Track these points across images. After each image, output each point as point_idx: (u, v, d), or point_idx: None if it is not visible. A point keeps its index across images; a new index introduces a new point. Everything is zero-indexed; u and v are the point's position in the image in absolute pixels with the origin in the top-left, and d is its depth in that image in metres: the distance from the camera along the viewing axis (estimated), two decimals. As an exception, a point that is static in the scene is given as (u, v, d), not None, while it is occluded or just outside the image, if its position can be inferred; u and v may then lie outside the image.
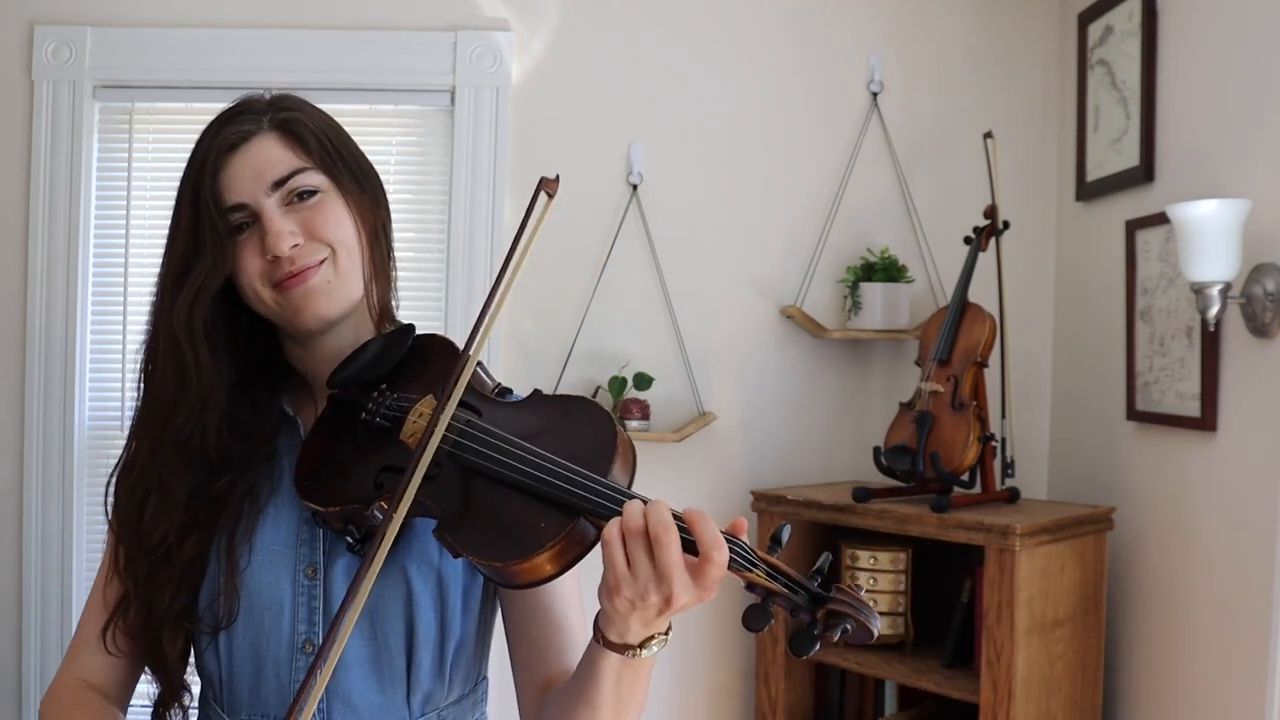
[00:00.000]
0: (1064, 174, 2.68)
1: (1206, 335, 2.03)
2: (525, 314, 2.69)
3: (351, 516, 1.09)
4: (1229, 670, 1.98)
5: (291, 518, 1.16)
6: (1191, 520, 2.11)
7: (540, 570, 0.99)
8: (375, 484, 1.08)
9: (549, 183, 1.06)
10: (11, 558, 2.66)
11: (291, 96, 1.21)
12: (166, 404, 1.14)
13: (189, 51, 2.64)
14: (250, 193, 1.12)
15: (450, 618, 1.15)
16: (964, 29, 2.72)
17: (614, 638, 0.99)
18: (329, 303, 1.15)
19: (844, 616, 0.93)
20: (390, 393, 1.14)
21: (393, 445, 1.10)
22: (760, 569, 0.94)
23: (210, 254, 1.12)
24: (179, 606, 1.12)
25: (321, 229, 1.14)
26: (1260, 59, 1.94)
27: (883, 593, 2.36)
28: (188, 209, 1.13)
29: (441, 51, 2.65)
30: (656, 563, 0.92)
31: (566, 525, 0.98)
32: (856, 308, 2.60)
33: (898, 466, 2.31)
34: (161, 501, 1.13)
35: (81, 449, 2.67)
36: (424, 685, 1.15)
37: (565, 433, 1.06)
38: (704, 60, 2.70)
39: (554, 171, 2.91)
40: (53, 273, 2.64)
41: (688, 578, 0.92)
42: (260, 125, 1.15)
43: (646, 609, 0.94)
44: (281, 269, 1.12)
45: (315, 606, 1.13)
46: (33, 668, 2.65)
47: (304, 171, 1.15)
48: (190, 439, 1.14)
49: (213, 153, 1.13)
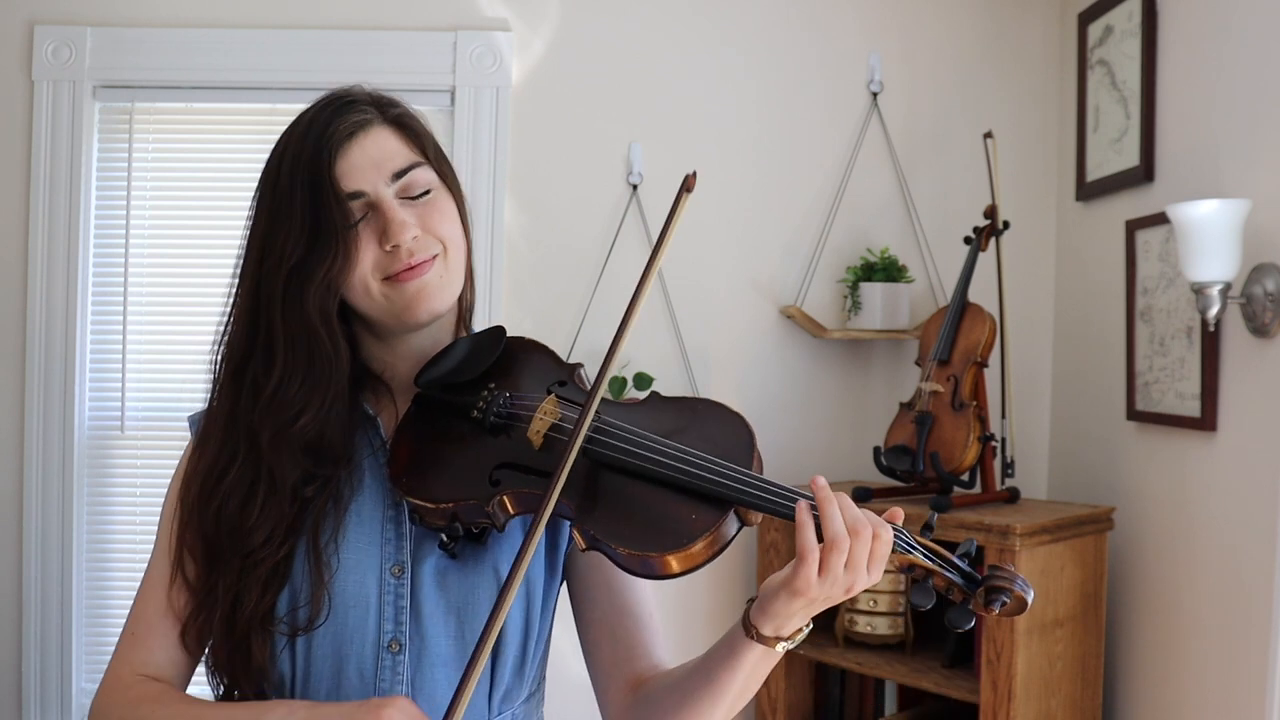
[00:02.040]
0: (1064, 174, 2.68)
1: (1206, 335, 2.03)
2: (525, 314, 2.69)
3: (461, 514, 1.09)
4: (1229, 670, 1.98)
5: (375, 516, 1.15)
6: (1191, 520, 2.11)
7: (693, 560, 1.01)
8: (492, 480, 1.08)
9: (690, 179, 1.08)
10: (11, 558, 2.66)
11: (388, 95, 1.20)
12: (295, 397, 1.10)
13: (189, 51, 2.64)
14: (371, 181, 1.11)
15: (534, 617, 1.17)
16: (964, 29, 2.72)
17: (769, 632, 1.01)
18: (442, 298, 1.14)
19: (1001, 590, 0.99)
20: (499, 391, 1.15)
21: (509, 444, 1.11)
22: (919, 551, 1.01)
23: (339, 243, 1.09)
24: (265, 608, 1.10)
25: (437, 225, 1.14)
26: (1260, 59, 1.94)
27: (882, 593, 2.36)
28: (303, 196, 1.09)
29: (441, 51, 2.65)
30: (851, 561, 0.97)
31: (720, 517, 1.01)
32: (856, 308, 2.60)
33: (898, 466, 2.31)
34: (271, 497, 1.10)
35: (81, 449, 2.67)
36: (505, 683, 1.16)
37: (699, 430, 1.09)
38: (704, 60, 2.70)
39: (558, 171, 2.89)
40: (53, 273, 2.64)
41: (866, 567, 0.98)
42: (375, 116, 1.14)
43: (825, 603, 0.99)
44: (399, 261, 1.11)
45: (402, 605, 1.12)
46: (33, 668, 2.65)
47: (421, 166, 1.14)
48: (318, 434, 1.11)
49: (330, 140, 1.10)
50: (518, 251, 2.68)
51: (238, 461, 1.11)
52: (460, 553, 1.12)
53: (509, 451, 1.10)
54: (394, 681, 1.11)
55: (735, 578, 2.67)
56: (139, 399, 2.71)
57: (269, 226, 1.12)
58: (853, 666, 2.37)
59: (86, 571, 2.69)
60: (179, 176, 2.71)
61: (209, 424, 1.15)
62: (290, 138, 1.14)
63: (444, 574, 1.13)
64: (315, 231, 1.09)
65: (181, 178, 2.71)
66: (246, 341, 1.13)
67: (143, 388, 2.71)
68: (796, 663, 2.51)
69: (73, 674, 2.66)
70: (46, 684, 2.65)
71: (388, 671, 1.11)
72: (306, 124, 1.13)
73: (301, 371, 1.11)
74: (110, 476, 2.71)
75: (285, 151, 1.13)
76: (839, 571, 0.96)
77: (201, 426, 1.17)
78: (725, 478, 1.02)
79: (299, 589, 1.11)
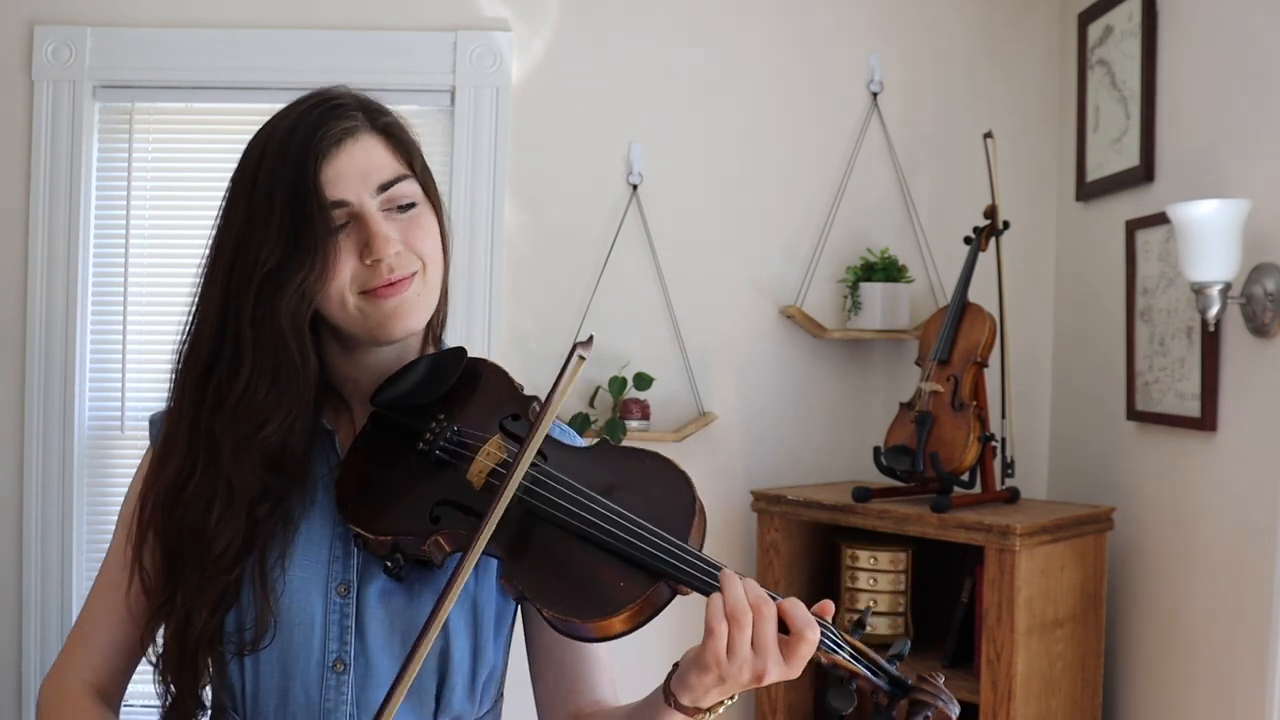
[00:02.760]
0: (1064, 174, 2.68)
1: (1206, 335, 2.03)
2: (525, 314, 2.69)
3: (401, 546, 1.07)
4: (1229, 670, 1.98)
5: (324, 534, 1.13)
6: (1191, 520, 2.11)
7: (613, 628, 0.99)
8: (431, 517, 1.07)
9: (583, 345, 1.06)
10: (11, 558, 2.66)
11: (375, 100, 1.16)
12: (260, 406, 1.07)
13: (189, 51, 2.64)
14: (356, 192, 1.08)
15: (483, 644, 1.14)
16: (964, 29, 2.72)
17: (687, 702, 1.00)
18: (418, 316, 1.12)
19: (926, 705, 0.96)
20: (448, 423, 1.12)
21: (451, 480, 1.09)
22: (845, 651, 0.98)
23: (318, 251, 1.05)
24: (213, 628, 1.08)
25: (419, 242, 1.11)
26: (1260, 59, 1.94)
27: (883, 593, 2.36)
28: (285, 200, 1.05)
29: (441, 51, 2.65)
30: (756, 642, 0.94)
31: (648, 588, 0.98)
32: (856, 308, 2.60)
33: (898, 466, 2.31)
34: (228, 510, 1.08)
35: (81, 449, 2.67)
36: (455, 709, 1.14)
37: (641, 489, 1.05)
38: (704, 60, 2.70)
39: (558, 171, 2.89)
40: (53, 273, 2.64)
41: (780, 655, 0.95)
42: (363, 124, 1.10)
43: (736, 683, 0.96)
44: (379, 276, 1.08)
45: (347, 625, 1.11)
46: (33, 668, 2.64)
47: (406, 179, 1.11)
48: (280, 446, 1.08)
49: (316, 145, 1.06)
50: (518, 251, 2.68)
51: (198, 472, 1.09)
52: (406, 576, 1.10)
53: (450, 488, 1.08)
54: (339, 701, 1.10)
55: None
56: (139, 399, 2.71)
57: (245, 229, 1.08)
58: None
59: (86, 571, 2.69)
60: (179, 176, 2.72)
61: (171, 428, 1.13)
62: (271, 138, 1.09)
63: (389, 595, 1.11)
64: (294, 238, 1.05)
65: (181, 178, 2.71)
66: (213, 346, 1.10)
67: (143, 388, 2.71)
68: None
69: (73, 674, 2.66)
70: (46, 684, 2.65)
71: (332, 691, 1.10)
72: (290, 126, 1.08)
73: (268, 381, 1.08)
74: (110, 476, 2.71)
75: (265, 151, 1.08)
76: (745, 652, 0.94)
77: (163, 431, 1.14)
78: (657, 549, 0.99)
79: (246, 608, 1.09)
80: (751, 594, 0.95)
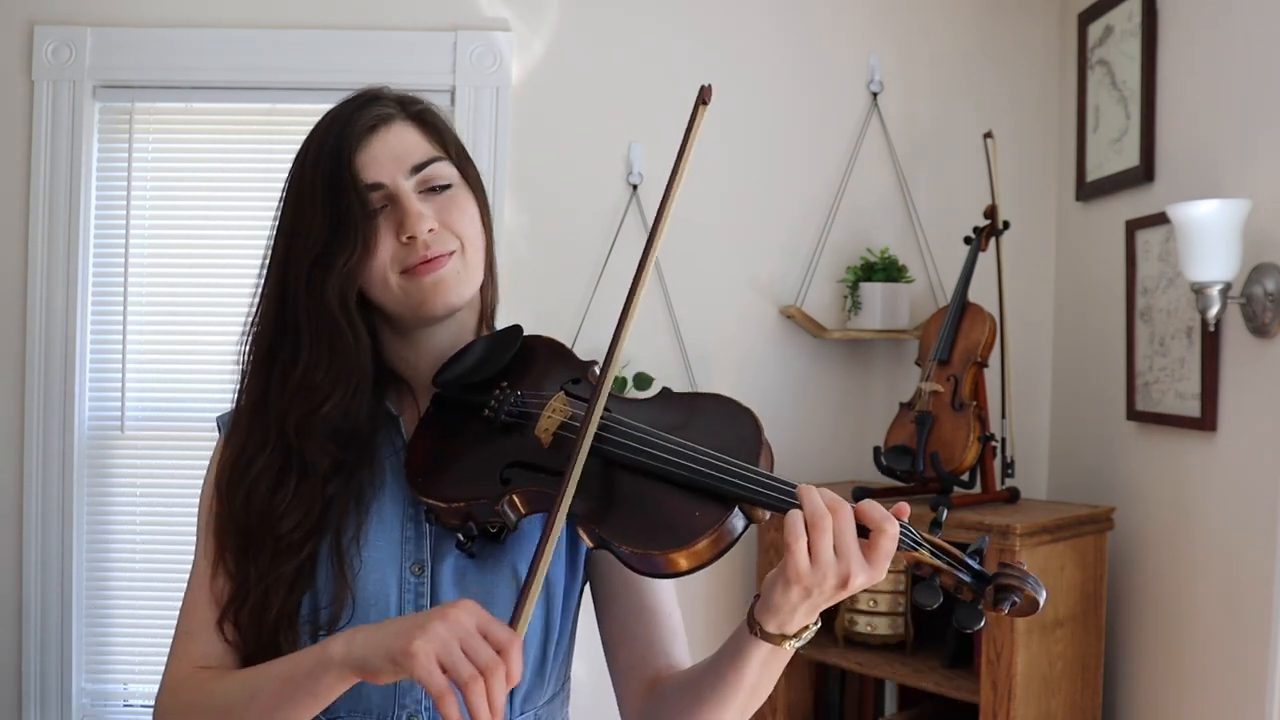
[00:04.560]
0: (1064, 174, 2.68)
1: (1206, 335, 2.03)
2: (525, 314, 2.68)
3: (474, 513, 1.09)
4: (1229, 670, 1.98)
5: (395, 514, 1.15)
6: (1191, 520, 2.11)
7: (698, 558, 1.00)
8: (502, 479, 1.09)
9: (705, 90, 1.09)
10: (11, 557, 2.66)
11: (416, 95, 1.22)
12: (319, 385, 1.12)
13: (189, 51, 2.64)
14: (390, 174, 1.13)
15: (554, 618, 1.16)
16: (964, 29, 2.72)
17: (773, 629, 1.00)
18: (458, 292, 1.15)
19: (1012, 589, 0.96)
20: (510, 390, 1.16)
21: (519, 442, 1.11)
22: (925, 548, 0.98)
23: (359, 234, 1.11)
24: (291, 608, 1.10)
25: (455, 221, 1.15)
26: (1260, 59, 1.94)
27: (883, 593, 2.36)
28: (325, 187, 1.12)
29: (441, 51, 2.65)
30: (838, 544, 0.95)
31: (724, 514, 1.00)
32: (856, 308, 2.60)
33: (898, 466, 2.31)
34: (301, 483, 1.12)
35: (81, 449, 2.67)
36: (526, 683, 1.15)
37: (705, 425, 1.08)
38: (704, 60, 2.70)
39: (558, 171, 2.88)
40: (53, 273, 2.64)
41: (863, 557, 0.96)
42: (396, 112, 1.16)
43: (822, 594, 0.97)
44: (415, 253, 1.12)
45: (422, 604, 1.12)
46: (33, 668, 2.65)
47: (440, 161, 1.16)
48: (343, 421, 1.12)
49: (351, 133, 1.13)
50: (518, 251, 2.68)
51: (268, 448, 1.13)
52: (479, 552, 1.12)
53: (519, 450, 1.11)
54: (413, 681, 1.10)
55: (735, 577, 2.67)
56: (139, 399, 2.71)
57: (294, 220, 1.14)
58: (853, 666, 2.37)
59: (86, 571, 2.69)
60: (179, 177, 2.71)
61: (238, 414, 1.17)
62: (314, 135, 1.16)
63: (463, 573, 1.13)
64: (335, 222, 1.11)
65: (181, 178, 2.71)
66: (274, 332, 1.15)
67: (143, 388, 2.71)
68: (796, 663, 2.51)
69: (73, 674, 2.66)
70: (46, 684, 2.65)
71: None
72: (330, 120, 1.16)
73: (325, 360, 1.12)
74: (110, 476, 2.71)
75: (309, 147, 1.15)
76: (829, 557, 0.95)
77: (232, 418, 1.18)
78: (729, 474, 1.01)
79: (322, 589, 1.11)
80: (828, 498, 0.97)
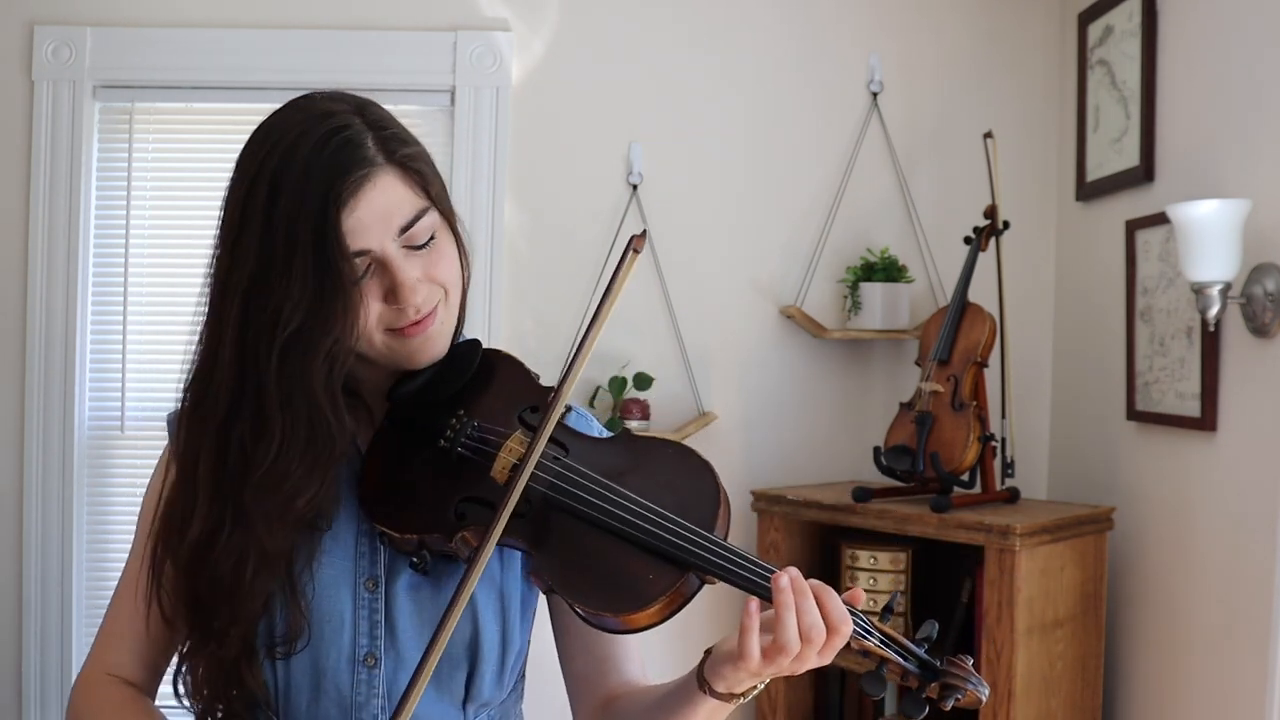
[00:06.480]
0: (1064, 174, 2.68)
1: (1206, 335, 2.03)
2: (525, 314, 2.69)
3: (427, 544, 1.08)
4: (1229, 670, 1.98)
5: (349, 531, 1.12)
6: (1191, 520, 2.11)
7: (644, 621, 0.99)
8: (457, 514, 1.06)
9: (637, 239, 1.05)
10: (11, 558, 2.66)
11: (374, 104, 1.12)
12: (292, 477, 1.03)
13: (189, 51, 2.64)
14: (378, 239, 1.03)
15: (511, 631, 1.15)
16: (964, 29, 2.72)
17: (722, 690, 1.02)
18: (444, 343, 1.12)
19: (956, 688, 0.98)
20: (467, 419, 1.12)
21: (475, 477, 1.08)
22: (875, 637, 1.00)
23: (346, 307, 1.01)
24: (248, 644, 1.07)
25: (442, 273, 1.09)
26: (1260, 59, 1.94)
27: (883, 593, 2.36)
28: (308, 252, 0.99)
29: (441, 51, 2.65)
30: (799, 658, 0.97)
31: (678, 580, 0.98)
32: (856, 308, 2.60)
33: (898, 466, 2.32)
34: (264, 568, 1.04)
35: (81, 449, 2.67)
36: (483, 695, 1.15)
37: (665, 479, 1.05)
38: (704, 60, 2.70)
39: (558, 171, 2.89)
40: (53, 273, 2.64)
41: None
42: (379, 159, 1.04)
43: (773, 673, 0.99)
44: (406, 316, 1.06)
45: (376, 620, 1.11)
46: (33, 668, 2.65)
47: (427, 213, 1.07)
48: (315, 513, 1.06)
49: (334, 192, 1.00)
50: (518, 251, 2.68)
51: (224, 532, 1.04)
52: (433, 570, 1.11)
53: (473, 485, 1.08)
54: (370, 695, 1.10)
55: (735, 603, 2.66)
56: (139, 399, 2.71)
57: (260, 269, 1.01)
58: (853, 667, 2.37)
59: (86, 571, 2.69)
60: (179, 177, 2.72)
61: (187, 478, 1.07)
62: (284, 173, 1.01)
63: (417, 588, 1.12)
64: (319, 294, 1.00)
65: (181, 178, 2.71)
66: (231, 399, 1.03)
67: (143, 388, 2.71)
68: (796, 663, 2.50)
69: (73, 673, 2.66)
70: (46, 683, 2.65)
71: (364, 685, 1.10)
72: (304, 165, 1.01)
73: (300, 449, 1.02)
74: (110, 476, 2.71)
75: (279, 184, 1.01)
76: (784, 664, 0.97)
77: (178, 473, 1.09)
78: (685, 540, 0.98)
79: (275, 615, 1.08)
80: (804, 623, 0.97)
